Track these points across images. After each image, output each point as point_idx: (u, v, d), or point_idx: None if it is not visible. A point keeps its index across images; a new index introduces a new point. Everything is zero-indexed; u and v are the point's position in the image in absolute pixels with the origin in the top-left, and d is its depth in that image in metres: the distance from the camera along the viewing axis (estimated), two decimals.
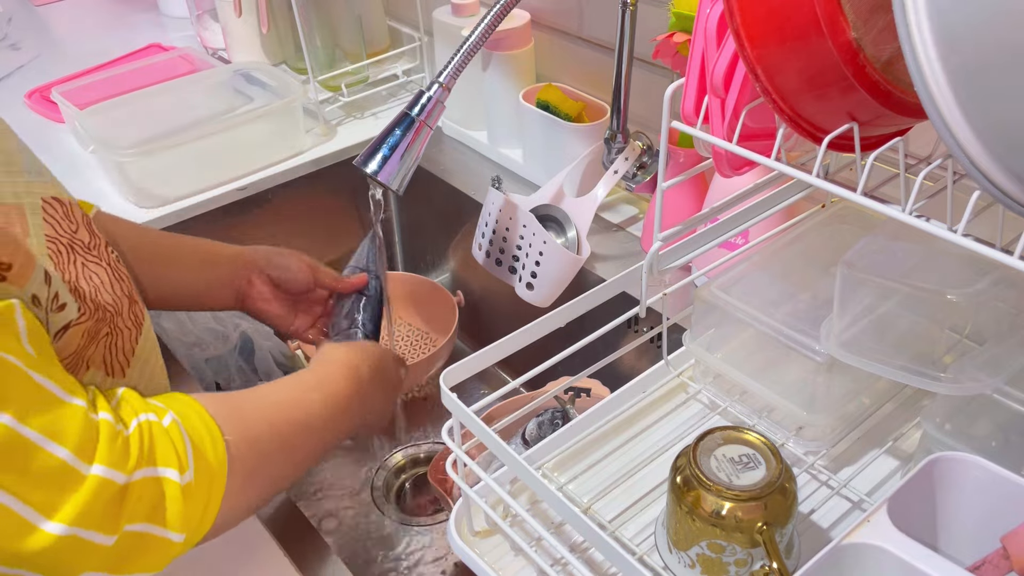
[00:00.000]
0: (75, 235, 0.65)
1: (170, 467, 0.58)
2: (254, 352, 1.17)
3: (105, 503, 0.54)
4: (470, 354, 0.63)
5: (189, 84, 1.36)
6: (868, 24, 0.46)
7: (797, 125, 0.52)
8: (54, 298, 0.59)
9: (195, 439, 0.61)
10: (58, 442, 0.52)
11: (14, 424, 0.50)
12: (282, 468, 0.70)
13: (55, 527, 0.51)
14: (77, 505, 0.52)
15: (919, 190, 0.48)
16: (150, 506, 0.56)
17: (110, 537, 0.54)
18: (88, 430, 0.54)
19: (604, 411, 0.75)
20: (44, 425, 0.52)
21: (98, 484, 0.53)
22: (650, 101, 1.07)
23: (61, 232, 0.63)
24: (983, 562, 0.51)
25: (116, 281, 0.68)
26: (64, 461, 0.52)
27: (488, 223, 1.06)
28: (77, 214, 0.66)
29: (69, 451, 0.52)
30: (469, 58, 0.86)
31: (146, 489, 0.56)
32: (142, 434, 0.58)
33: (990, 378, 0.60)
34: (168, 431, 0.59)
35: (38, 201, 0.62)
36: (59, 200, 0.65)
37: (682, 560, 0.60)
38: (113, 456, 0.55)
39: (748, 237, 0.85)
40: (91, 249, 0.66)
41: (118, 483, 0.54)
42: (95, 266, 0.65)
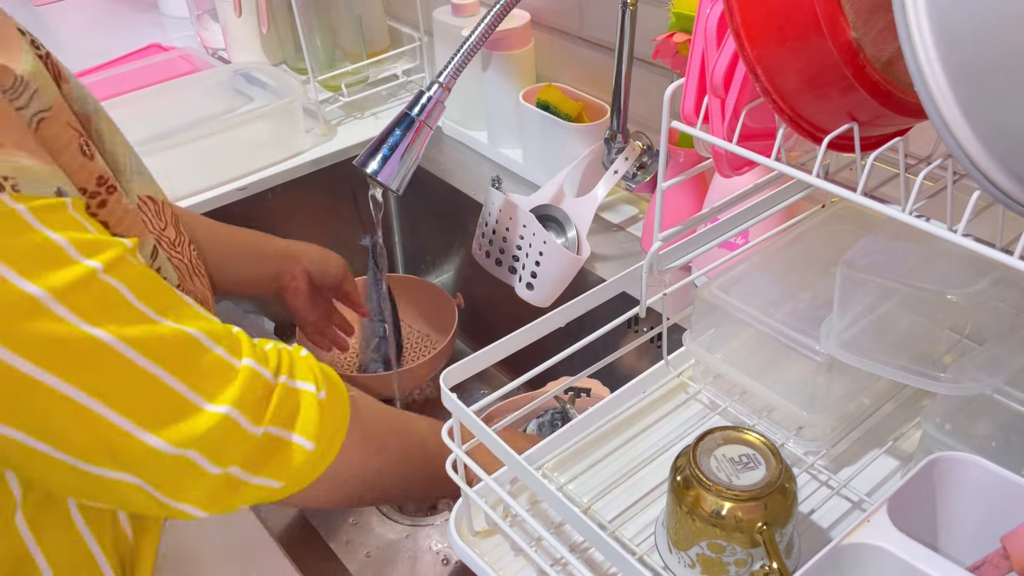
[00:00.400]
0: (163, 232, 0.70)
1: (308, 381, 0.63)
2: None
3: (256, 393, 0.59)
4: (470, 354, 0.63)
5: (189, 84, 1.36)
6: (868, 24, 0.46)
7: (797, 125, 0.52)
8: (158, 271, 0.64)
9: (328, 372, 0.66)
10: (215, 341, 0.58)
11: (179, 325, 0.56)
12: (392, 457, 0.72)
13: (219, 408, 0.57)
14: (236, 390, 0.58)
15: (919, 190, 0.48)
16: (289, 413, 0.62)
17: (257, 428, 0.59)
18: (231, 335, 0.61)
19: (604, 411, 0.75)
20: (201, 327, 0.58)
21: (250, 374, 0.59)
22: (650, 101, 1.07)
23: (152, 228, 0.68)
24: (983, 562, 0.51)
25: (196, 276, 0.73)
26: (221, 356, 0.58)
27: (488, 223, 1.06)
28: (167, 213, 0.72)
29: (224, 348, 0.59)
30: (469, 58, 0.86)
31: (287, 396, 0.62)
32: (280, 352, 0.64)
33: (990, 378, 0.60)
34: (304, 358, 0.65)
35: (135, 199, 0.67)
36: (153, 199, 0.70)
37: (682, 560, 0.60)
38: (257, 355, 0.61)
39: (748, 237, 0.85)
40: (176, 246, 0.71)
41: (265, 378, 0.60)
42: (178, 261, 0.70)
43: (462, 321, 1.23)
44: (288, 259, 1.02)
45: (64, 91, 0.65)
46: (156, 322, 0.55)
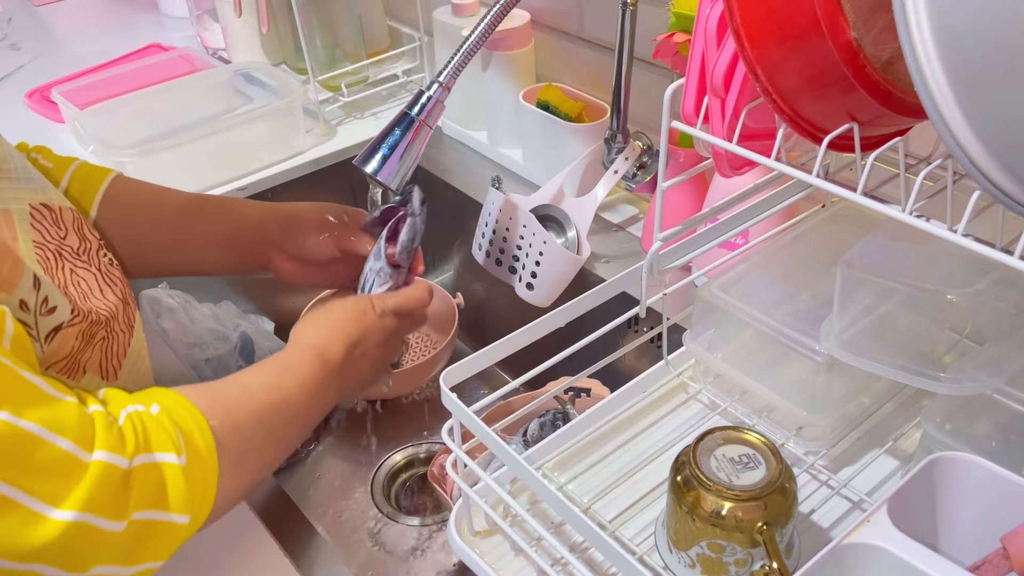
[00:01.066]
0: (64, 241, 0.65)
1: (167, 451, 0.58)
2: (254, 352, 1.17)
3: (111, 488, 0.54)
4: (470, 354, 0.63)
5: (189, 84, 1.36)
6: (868, 24, 0.46)
7: (797, 125, 0.52)
8: (43, 302, 0.59)
9: (182, 425, 0.61)
10: (58, 433, 0.52)
11: (12, 419, 0.50)
12: (267, 451, 0.70)
13: (64, 514, 0.51)
14: (84, 491, 0.52)
15: (919, 190, 0.48)
16: (154, 492, 0.57)
17: (119, 523, 0.54)
18: (84, 421, 0.55)
19: (604, 411, 0.75)
20: (42, 418, 0.52)
21: (103, 469, 0.54)
22: (650, 101, 1.07)
23: (49, 238, 0.63)
24: (983, 562, 0.51)
25: (108, 286, 0.68)
26: (66, 451, 0.52)
27: (488, 223, 1.06)
28: (67, 219, 0.67)
29: (70, 441, 0.53)
30: (469, 58, 0.86)
31: (148, 475, 0.57)
32: (133, 423, 0.58)
33: (990, 378, 0.60)
34: (157, 418, 0.60)
35: (26, 207, 0.62)
36: (48, 206, 0.65)
37: (682, 560, 0.60)
38: (111, 442, 0.55)
39: (748, 237, 0.85)
40: (80, 255, 0.66)
41: (121, 468, 0.55)
42: (84, 271, 0.66)
43: (462, 321, 1.23)
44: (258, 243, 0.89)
45: None
46: None
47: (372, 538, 1.07)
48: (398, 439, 1.20)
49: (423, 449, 1.19)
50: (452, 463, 0.65)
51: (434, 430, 1.21)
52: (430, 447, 1.19)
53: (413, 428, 1.20)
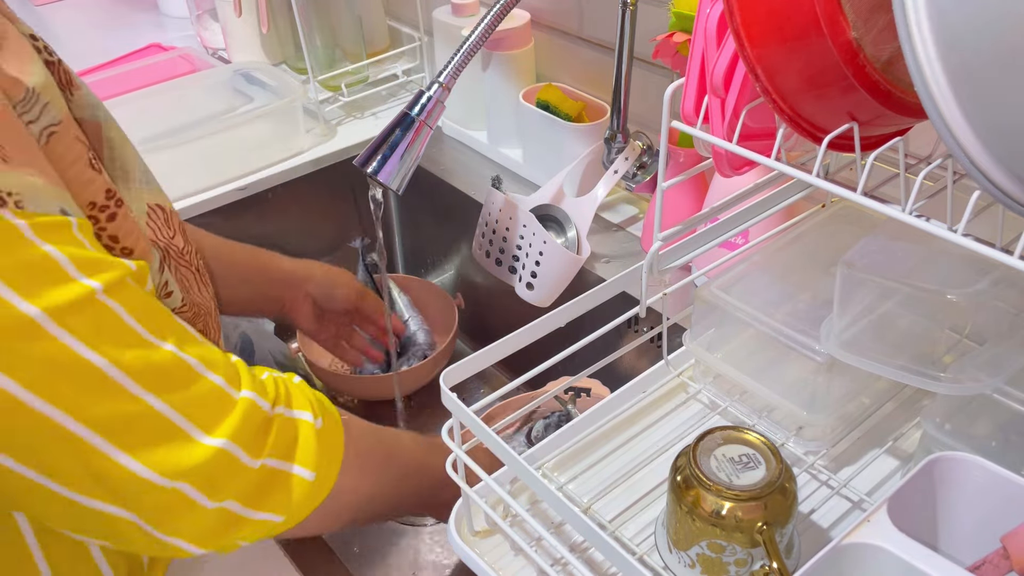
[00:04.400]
0: (172, 240, 0.69)
1: (305, 410, 0.63)
2: (254, 352, 1.17)
3: (254, 426, 0.58)
4: (470, 354, 0.63)
5: (189, 84, 1.36)
6: (868, 24, 0.46)
7: (797, 125, 0.52)
8: (164, 285, 0.64)
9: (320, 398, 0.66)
10: (212, 369, 0.57)
11: (176, 351, 0.55)
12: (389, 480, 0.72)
13: (215, 441, 0.55)
14: (233, 422, 0.57)
15: (919, 190, 0.48)
16: (287, 444, 0.61)
17: (255, 461, 0.58)
18: (230, 364, 0.60)
19: (604, 411, 0.75)
20: (200, 354, 0.57)
21: (248, 406, 0.58)
22: (650, 101, 1.07)
23: (160, 237, 0.67)
24: (983, 562, 0.51)
25: (203, 285, 0.72)
26: (219, 385, 0.57)
27: (488, 223, 1.06)
28: (175, 221, 0.71)
29: (222, 377, 0.57)
30: (469, 58, 0.86)
31: (285, 427, 0.61)
32: (277, 381, 0.63)
33: (990, 378, 0.60)
34: (299, 385, 0.65)
35: (144, 207, 0.67)
36: (161, 207, 0.69)
37: (682, 560, 0.60)
38: (255, 386, 0.60)
39: (748, 237, 0.85)
40: (183, 255, 0.71)
41: (264, 410, 0.59)
42: (186, 270, 0.70)
43: (462, 321, 1.23)
44: (291, 286, 1.01)
45: (75, 98, 0.64)
46: (154, 347, 0.54)
47: (372, 538, 1.07)
48: None
49: None
50: (452, 463, 0.65)
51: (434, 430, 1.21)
52: None
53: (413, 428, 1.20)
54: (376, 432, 0.74)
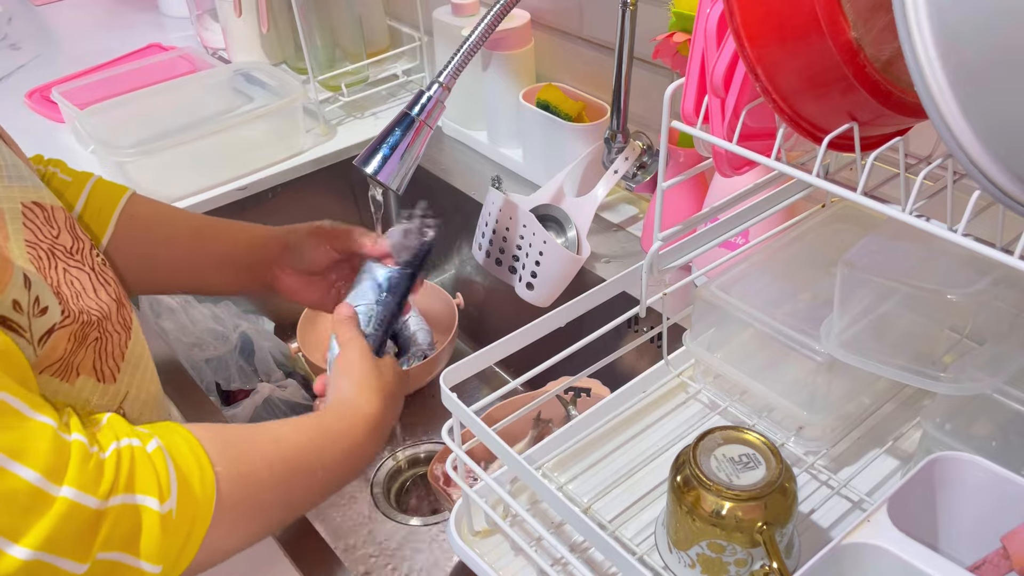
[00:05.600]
0: (56, 240, 0.64)
1: (149, 495, 0.55)
2: (254, 352, 1.17)
3: (76, 528, 0.51)
4: (470, 354, 0.63)
5: (189, 84, 1.36)
6: (868, 24, 0.46)
7: (797, 125, 0.52)
8: (35, 302, 0.58)
9: (182, 467, 0.58)
10: (23, 462, 0.49)
11: None
12: (275, 509, 0.67)
13: (21, 552, 0.49)
14: (45, 529, 0.49)
15: (919, 190, 0.48)
16: (126, 535, 0.54)
17: (81, 565, 0.52)
18: (57, 450, 0.51)
19: (604, 411, 0.75)
20: (7, 444, 0.49)
21: (68, 507, 0.51)
22: (650, 101, 1.07)
23: (41, 237, 0.62)
24: (983, 562, 0.51)
25: (101, 285, 0.67)
26: (30, 483, 0.49)
27: (488, 223, 1.06)
28: (60, 218, 0.66)
29: (36, 472, 0.50)
30: (469, 58, 0.86)
31: (123, 517, 0.54)
32: (120, 458, 0.55)
33: (990, 378, 0.60)
34: (151, 457, 0.57)
35: (18, 206, 0.61)
36: (40, 205, 0.64)
37: (682, 560, 0.60)
38: (84, 479, 0.52)
39: (748, 237, 0.85)
40: (73, 254, 0.65)
41: (91, 507, 0.52)
42: (77, 271, 0.65)
43: (462, 321, 1.23)
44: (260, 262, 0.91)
45: None
46: None
47: (372, 538, 1.07)
48: (398, 439, 1.20)
49: (423, 449, 1.19)
50: (452, 463, 0.65)
51: (434, 430, 1.21)
52: (430, 447, 1.19)
53: (413, 428, 1.21)
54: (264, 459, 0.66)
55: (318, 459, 0.69)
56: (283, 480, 0.66)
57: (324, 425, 0.72)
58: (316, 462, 0.69)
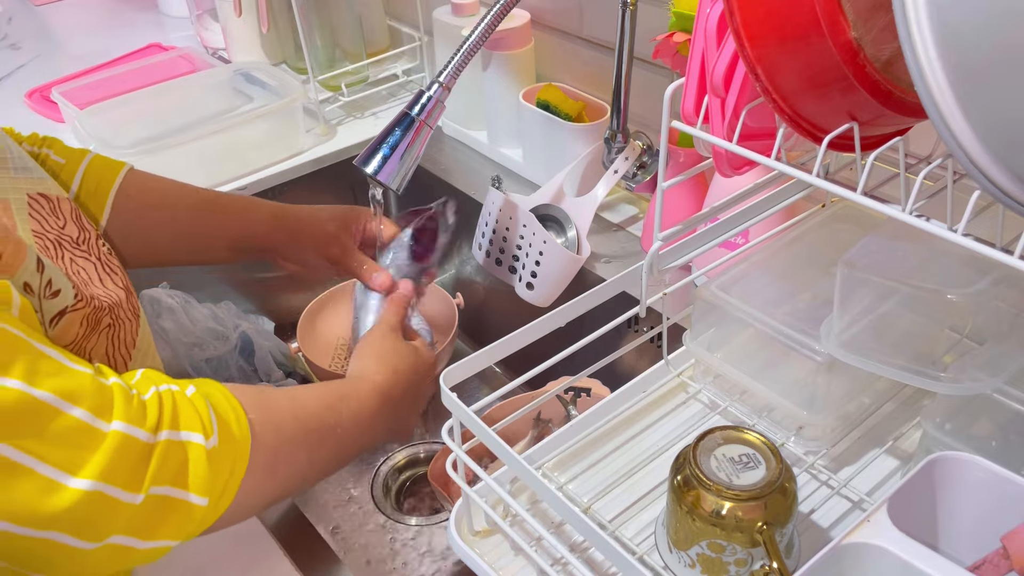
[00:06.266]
0: (63, 230, 0.65)
1: (194, 431, 0.58)
2: (254, 352, 1.17)
3: (129, 459, 0.53)
4: (470, 354, 0.63)
5: (189, 84, 1.36)
6: (868, 24, 0.46)
7: (797, 125, 0.52)
8: (47, 284, 0.59)
9: (219, 410, 0.60)
10: (72, 402, 0.52)
11: (24, 388, 0.50)
12: (303, 462, 0.69)
13: (80, 483, 0.51)
14: (101, 461, 0.52)
15: (919, 190, 0.48)
16: (175, 469, 0.56)
17: (136, 496, 0.54)
18: (100, 391, 0.54)
19: (604, 411, 0.75)
20: (55, 387, 0.51)
21: (121, 440, 0.53)
22: (650, 101, 1.07)
23: (48, 228, 0.63)
24: (983, 562, 0.51)
25: (107, 275, 0.68)
26: (81, 420, 0.52)
27: (488, 223, 1.06)
28: (65, 209, 0.67)
29: (85, 410, 0.52)
30: (469, 58, 0.86)
31: (171, 452, 0.56)
32: (162, 400, 0.58)
33: (990, 378, 0.60)
34: (191, 400, 0.59)
35: (24, 197, 0.62)
36: (45, 196, 0.65)
37: (682, 560, 0.60)
38: (131, 414, 0.54)
39: (748, 237, 0.85)
40: (80, 244, 0.66)
41: (141, 440, 0.54)
42: (84, 260, 0.66)
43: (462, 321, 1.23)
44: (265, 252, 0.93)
45: None
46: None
47: (372, 537, 1.07)
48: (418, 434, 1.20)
49: (423, 449, 1.19)
50: (452, 463, 0.65)
51: (434, 430, 1.21)
52: (430, 447, 1.19)
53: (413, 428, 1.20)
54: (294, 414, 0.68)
55: (335, 417, 0.71)
56: (307, 433, 0.69)
57: (336, 389, 0.75)
58: (333, 419, 0.71)
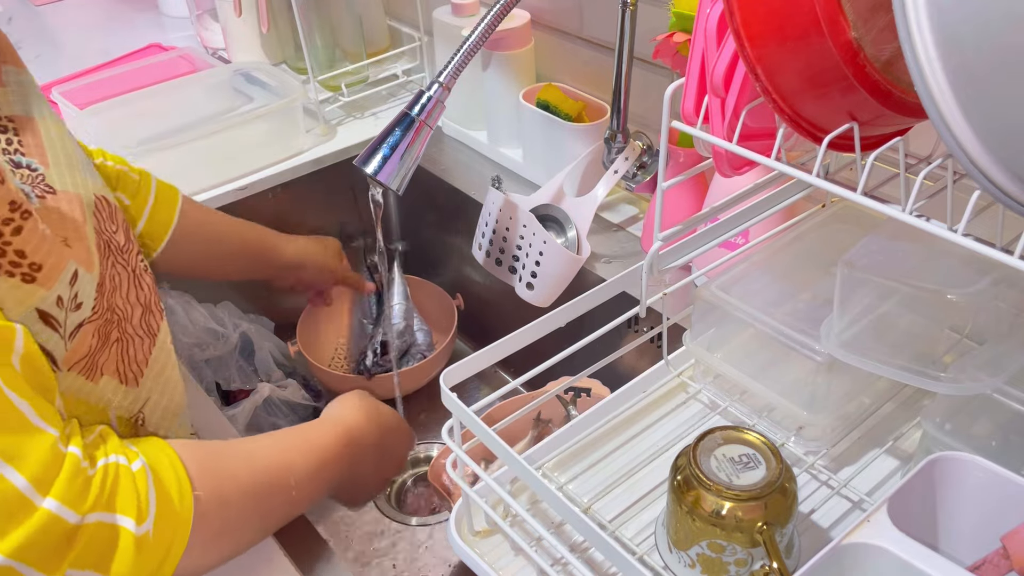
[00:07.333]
0: (113, 235, 0.67)
1: (128, 515, 0.56)
2: (254, 352, 1.17)
3: (51, 540, 0.52)
4: (470, 354, 0.63)
5: (189, 84, 1.35)
6: (868, 24, 0.46)
7: (797, 125, 0.52)
8: (74, 296, 0.60)
9: (164, 488, 0.59)
10: (15, 467, 0.50)
11: None
12: (250, 531, 0.68)
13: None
14: (20, 537, 0.50)
15: (919, 190, 0.48)
16: (99, 553, 0.54)
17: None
18: (51, 461, 0.53)
19: (604, 411, 0.75)
20: (5, 447, 0.50)
21: (47, 519, 0.51)
22: (650, 101, 1.07)
23: (103, 229, 0.65)
24: (983, 562, 0.51)
25: (134, 288, 0.69)
26: (17, 488, 0.50)
27: (488, 223, 1.06)
28: (119, 218, 0.70)
29: (25, 479, 0.51)
30: (469, 58, 0.86)
31: (98, 534, 0.54)
32: (106, 475, 0.56)
33: (990, 378, 0.60)
34: (135, 476, 0.58)
35: (92, 196, 0.65)
36: (107, 200, 0.68)
37: (682, 560, 0.60)
38: (71, 494, 0.53)
39: (748, 237, 0.85)
40: (122, 252, 0.68)
41: (69, 522, 0.53)
42: (121, 268, 0.67)
43: (462, 321, 1.23)
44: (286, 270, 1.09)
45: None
46: None
47: (372, 538, 1.07)
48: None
49: (423, 449, 1.19)
50: (452, 463, 0.65)
51: (434, 430, 1.21)
52: (430, 447, 1.19)
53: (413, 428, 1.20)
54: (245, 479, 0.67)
55: (290, 473, 0.71)
56: (258, 500, 0.68)
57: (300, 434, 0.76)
58: (289, 478, 0.71)
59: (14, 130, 0.62)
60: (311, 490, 0.74)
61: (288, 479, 0.71)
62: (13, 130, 0.62)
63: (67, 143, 0.66)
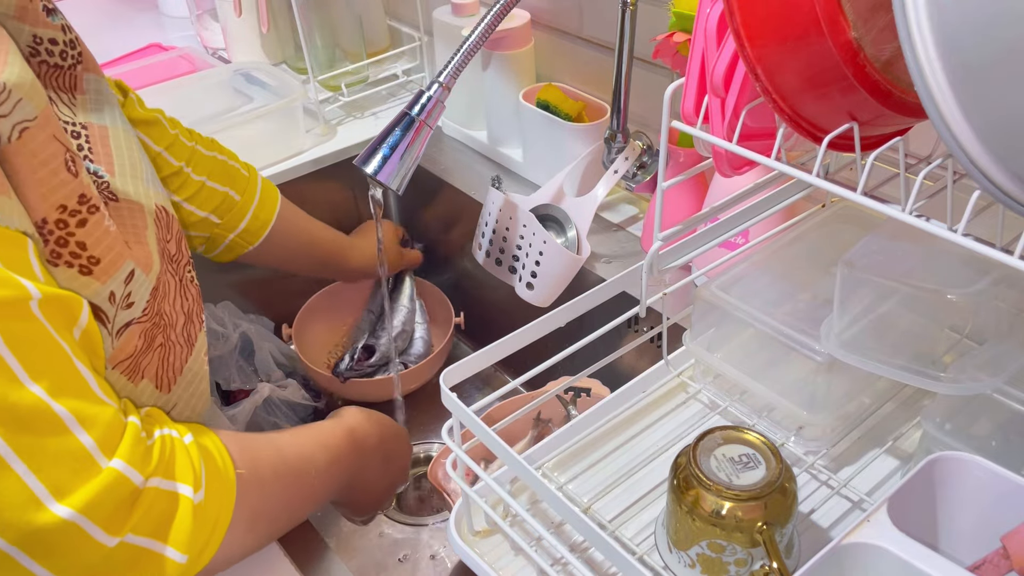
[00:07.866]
0: (167, 244, 0.69)
1: (186, 483, 0.58)
2: (254, 352, 1.17)
3: (117, 499, 0.53)
4: (470, 354, 0.63)
5: (189, 84, 1.35)
6: (868, 24, 0.46)
7: (797, 125, 0.52)
8: (127, 296, 0.61)
9: (212, 461, 0.61)
10: (85, 427, 0.52)
11: (47, 398, 0.50)
12: (279, 518, 0.70)
13: (62, 510, 0.50)
14: (90, 492, 0.51)
15: (919, 190, 0.48)
16: (159, 519, 0.56)
17: (111, 539, 0.53)
18: (115, 425, 0.54)
19: (604, 411, 0.75)
20: (75, 408, 0.52)
21: (114, 478, 0.52)
22: (650, 101, 1.07)
23: (160, 238, 0.67)
24: (983, 562, 0.51)
25: (180, 297, 0.71)
26: (84, 447, 0.52)
27: (488, 223, 1.06)
28: (175, 227, 0.72)
29: (93, 439, 0.52)
30: (469, 58, 0.86)
31: (158, 500, 0.56)
32: (164, 445, 0.58)
33: (990, 378, 0.60)
34: (187, 448, 0.60)
35: (153, 206, 0.67)
36: (166, 210, 0.70)
37: (682, 560, 0.60)
38: (135, 456, 0.54)
39: (748, 237, 0.85)
40: (174, 261, 0.70)
41: (134, 483, 0.54)
42: (171, 277, 0.69)
43: None
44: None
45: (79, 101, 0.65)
46: (18, 385, 0.49)
47: (372, 538, 1.07)
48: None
49: (423, 449, 1.19)
50: (452, 463, 0.65)
51: (434, 430, 1.21)
52: (430, 447, 1.19)
53: (413, 428, 1.20)
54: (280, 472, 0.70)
55: (311, 465, 0.74)
56: (286, 487, 0.70)
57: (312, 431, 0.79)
58: (310, 469, 0.74)
59: (86, 136, 0.64)
60: (326, 485, 0.77)
61: (310, 470, 0.74)
62: (85, 136, 0.64)
63: (134, 152, 0.68)
